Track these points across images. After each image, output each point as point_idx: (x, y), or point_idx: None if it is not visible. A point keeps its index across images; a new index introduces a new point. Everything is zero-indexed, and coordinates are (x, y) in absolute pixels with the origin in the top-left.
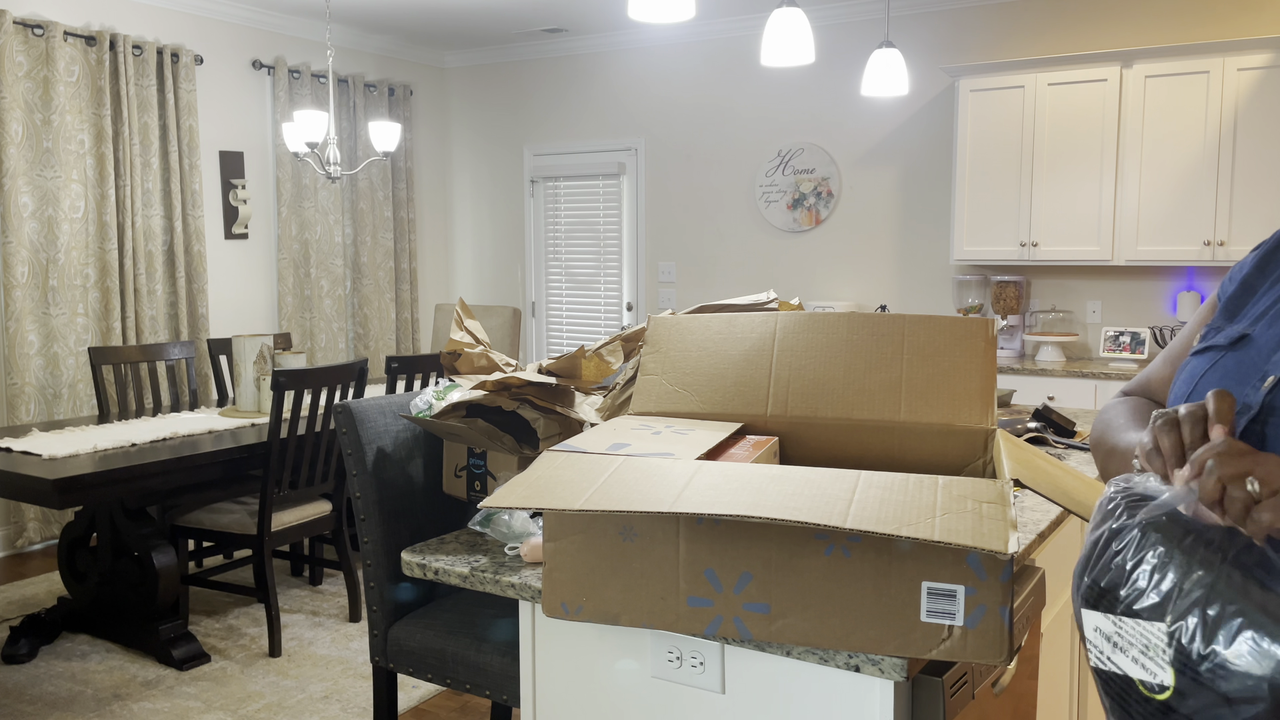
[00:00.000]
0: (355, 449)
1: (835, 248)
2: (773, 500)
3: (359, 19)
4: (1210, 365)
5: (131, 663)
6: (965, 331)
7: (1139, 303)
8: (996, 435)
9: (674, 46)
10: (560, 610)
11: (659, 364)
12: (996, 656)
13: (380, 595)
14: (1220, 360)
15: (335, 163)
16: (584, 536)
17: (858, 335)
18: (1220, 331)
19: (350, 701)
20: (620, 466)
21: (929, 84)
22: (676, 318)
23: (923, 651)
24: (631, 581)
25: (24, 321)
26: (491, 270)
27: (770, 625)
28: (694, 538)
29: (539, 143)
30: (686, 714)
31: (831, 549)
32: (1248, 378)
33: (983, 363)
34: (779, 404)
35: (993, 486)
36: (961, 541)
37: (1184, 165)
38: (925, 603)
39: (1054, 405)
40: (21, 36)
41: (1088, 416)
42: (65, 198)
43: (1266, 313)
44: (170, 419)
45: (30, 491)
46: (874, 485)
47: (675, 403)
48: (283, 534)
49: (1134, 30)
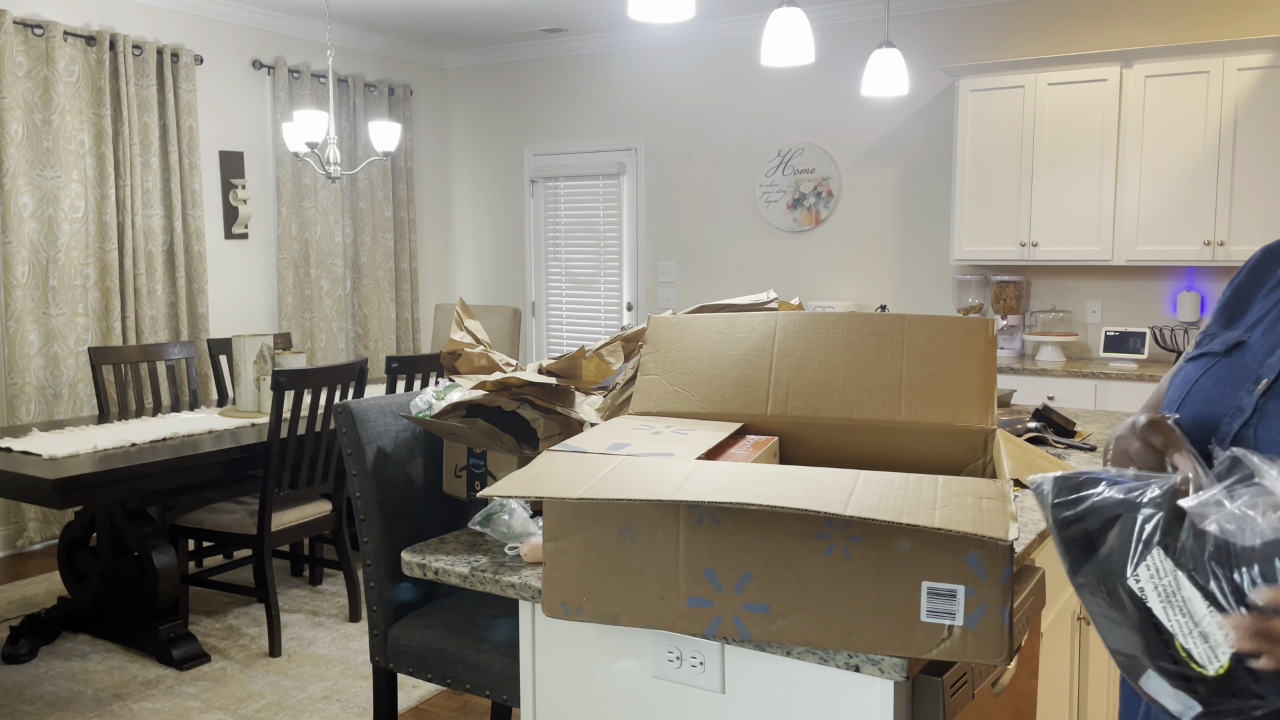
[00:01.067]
0: (355, 449)
1: (835, 248)
2: (773, 493)
3: (359, 19)
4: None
5: (131, 663)
6: (965, 331)
7: (1139, 303)
8: (997, 435)
9: (674, 46)
10: (560, 610)
11: (659, 364)
12: (997, 656)
13: (380, 595)
14: (1214, 366)
15: (335, 163)
16: (584, 536)
17: (858, 335)
18: (1215, 338)
19: (350, 701)
20: (619, 464)
21: (929, 84)
22: (677, 317)
23: (923, 651)
24: (631, 581)
25: (24, 321)
26: (491, 270)
27: (770, 625)
28: (694, 537)
29: (539, 143)
30: (686, 714)
31: (831, 548)
32: (1242, 381)
33: (983, 363)
34: (779, 404)
35: (993, 484)
36: (961, 529)
37: (1184, 165)
38: (925, 603)
39: (1054, 405)
40: (21, 36)
41: (1088, 416)
42: (65, 198)
43: (1262, 319)
44: (170, 419)
45: (30, 491)
46: (874, 481)
47: (675, 403)
48: (283, 534)
49: (1134, 30)
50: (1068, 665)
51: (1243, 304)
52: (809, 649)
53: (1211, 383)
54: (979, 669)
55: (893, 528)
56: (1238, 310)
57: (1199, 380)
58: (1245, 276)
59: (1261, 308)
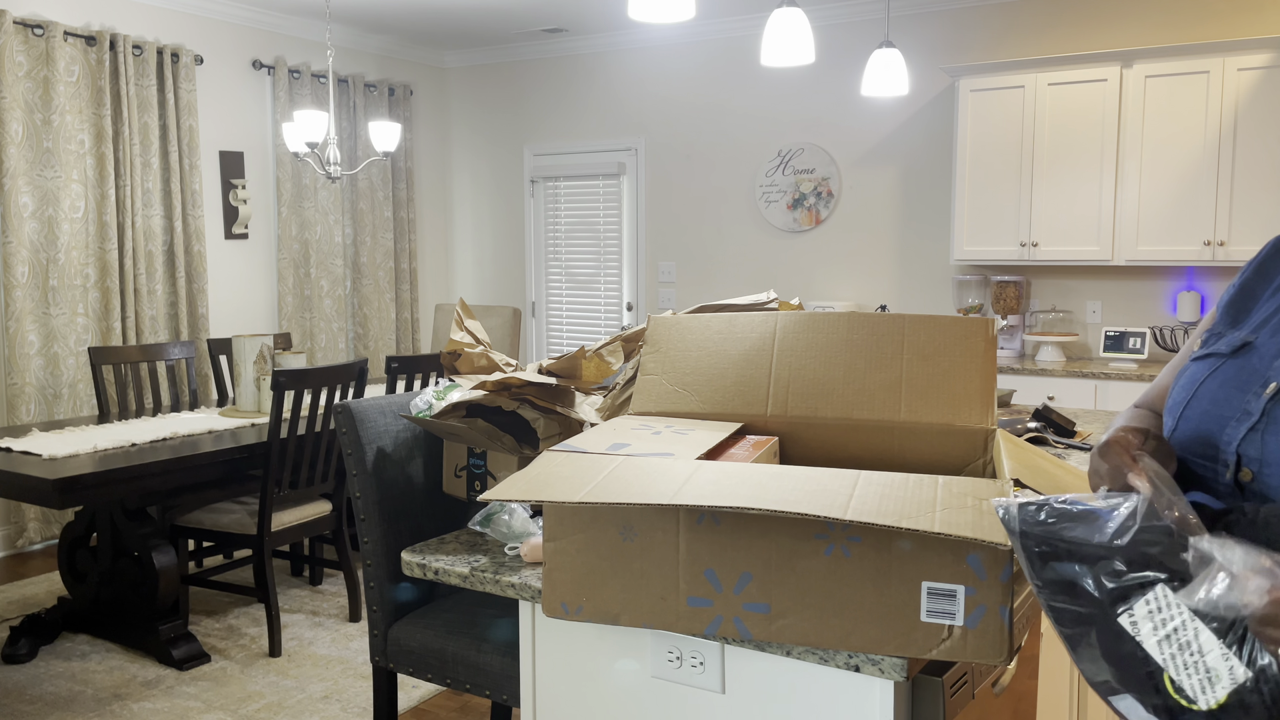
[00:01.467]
0: (355, 449)
1: (835, 248)
2: (773, 495)
3: (359, 19)
4: (1210, 371)
5: (131, 663)
6: (965, 331)
7: (1139, 303)
8: (997, 435)
9: (674, 46)
10: (560, 610)
11: (659, 364)
12: (997, 656)
13: (380, 595)
14: (1221, 367)
15: (335, 163)
16: (584, 536)
17: (857, 335)
18: (1222, 338)
19: (350, 701)
20: (619, 465)
21: (929, 84)
22: (677, 317)
23: (923, 651)
24: (631, 582)
25: (24, 321)
26: (491, 270)
27: (770, 625)
28: (694, 538)
29: (539, 143)
30: (686, 714)
31: (831, 549)
32: (1249, 384)
33: (983, 363)
34: (779, 404)
35: (993, 485)
36: (961, 534)
37: (1184, 165)
38: (925, 603)
39: (1054, 405)
40: (21, 36)
41: (1088, 416)
42: (65, 198)
43: (1269, 320)
44: (170, 419)
45: (30, 491)
46: (874, 483)
47: (675, 403)
48: (283, 534)
49: (1134, 30)
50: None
51: (1249, 301)
52: (809, 649)
53: (1218, 385)
54: (979, 669)
55: (893, 531)
56: (1244, 308)
57: (1205, 382)
58: (1252, 273)
59: (1269, 307)
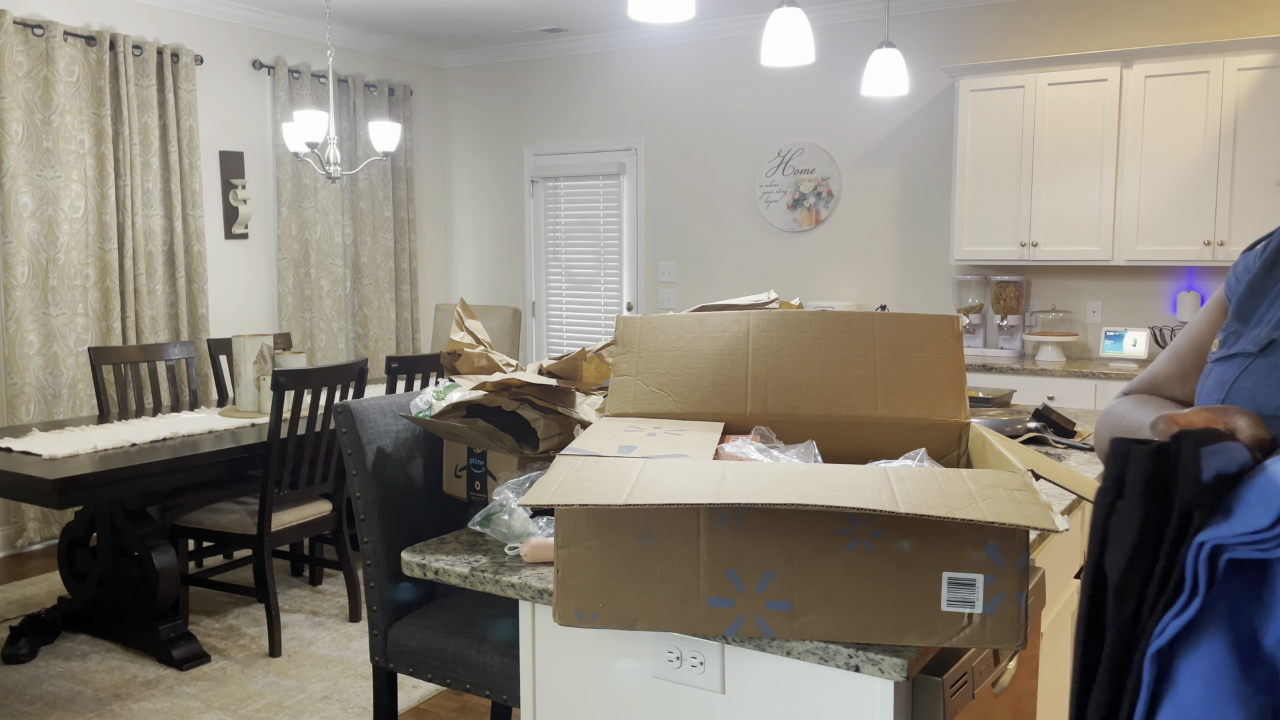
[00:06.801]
0: (355, 449)
1: (835, 248)
2: (814, 491)
3: (359, 19)
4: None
5: (131, 663)
6: (933, 329)
7: (1139, 303)
8: (970, 428)
9: (674, 46)
10: (575, 618)
11: (631, 364)
12: (1014, 641)
13: (380, 595)
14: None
15: (335, 163)
16: (600, 541)
17: (830, 333)
18: (1241, 336)
19: (350, 701)
20: (645, 467)
21: (929, 84)
22: (646, 317)
23: (944, 640)
24: (650, 585)
25: (24, 321)
26: (491, 270)
27: (793, 622)
28: (715, 538)
29: (539, 143)
30: (686, 714)
31: (854, 544)
32: None
33: (952, 358)
34: (758, 402)
35: (1015, 476)
36: (1013, 521)
37: (1184, 165)
38: (946, 592)
39: (1054, 405)
40: (21, 36)
41: (1088, 416)
42: (65, 198)
43: None
44: (170, 419)
45: (30, 491)
46: (905, 478)
47: (652, 403)
48: (283, 534)
49: (1134, 30)
50: (1068, 665)
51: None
52: (809, 649)
53: (1253, 384)
54: (979, 669)
55: (924, 521)
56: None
57: (1237, 381)
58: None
59: None
